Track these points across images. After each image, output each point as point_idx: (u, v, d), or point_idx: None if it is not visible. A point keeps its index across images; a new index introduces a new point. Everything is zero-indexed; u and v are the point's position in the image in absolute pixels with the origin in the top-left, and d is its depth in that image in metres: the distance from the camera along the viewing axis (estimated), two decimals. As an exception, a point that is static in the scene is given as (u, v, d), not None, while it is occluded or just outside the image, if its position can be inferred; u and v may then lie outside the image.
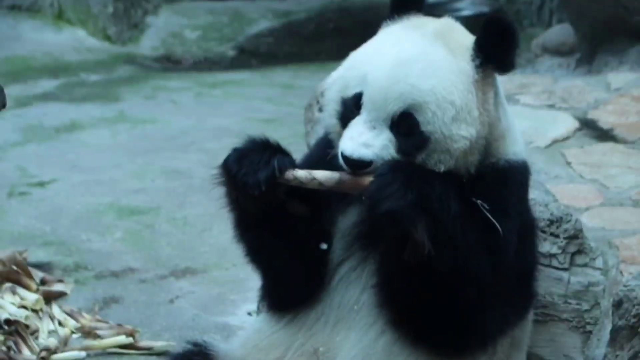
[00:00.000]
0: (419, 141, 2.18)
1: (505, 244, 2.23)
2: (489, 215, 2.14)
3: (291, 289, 2.37)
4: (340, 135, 2.22)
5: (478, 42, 2.22)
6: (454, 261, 2.11)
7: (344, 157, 2.15)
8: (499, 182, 2.28)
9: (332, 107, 2.29)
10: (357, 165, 2.15)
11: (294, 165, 2.25)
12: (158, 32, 6.03)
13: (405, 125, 2.18)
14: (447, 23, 2.30)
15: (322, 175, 2.15)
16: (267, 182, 2.19)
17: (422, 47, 2.23)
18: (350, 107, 2.21)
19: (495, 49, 2.21)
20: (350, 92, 2.22)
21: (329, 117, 2.31)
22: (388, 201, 2.04)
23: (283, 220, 2.30)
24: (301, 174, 2.22)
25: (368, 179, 2.09)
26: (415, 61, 2.20)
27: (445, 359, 2.28)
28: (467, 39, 2.25)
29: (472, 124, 2.19)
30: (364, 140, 2.15)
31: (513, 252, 2.26)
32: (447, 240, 2.10)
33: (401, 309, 2.23)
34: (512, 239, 2.25)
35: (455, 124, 2.18)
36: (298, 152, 2.52)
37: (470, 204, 2.16)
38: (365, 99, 2.19)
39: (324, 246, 2.29)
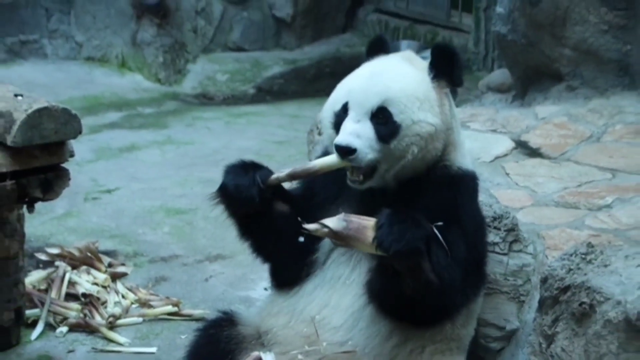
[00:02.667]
0: (393, 128, 2.17)
1: (464, 242, 2.22)
2: (440, 237, 2.09)
3: (288, 272, 2.35)
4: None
5: (431, 62, 2.25)
6: (439, 274, 2.09)
7: (336, 146, 2.13)
8: (456, 189, 2.27)
9: (327, 121, 2.28)
10: (345, 152, 2.13)
11: (271, 173, 2.24)
12: (196, 75, 6.07)
13: (381, 116, 2.17)
14: (410, 53, 2.35)
15: (330, 220, 2.07)
16: (259, 194, 2.20)
17: (391, 63, 2.27)
18: (340, 114, 2.21)
19: (444, 67, 2.23)
20: (339, 105, 2.23)
21: (326, 130, 2.31)
22: (404, 239, 1.99)
23: (272, 219, 2.30)
24: (279, 175, 2.23)
25: (371, 223, 2.04)
26: (387, 71, 2.23)
27: (419, 328, 2.25)
28: (425, 62, 2.28)
29: (435, 115, 2.20)
30: (351, 130, 2.14)
31: (472, 245, 2.24)
32: (437, 262, 2.08)
33: (383, 297, 2.20)
34: (468, 235, 2.24)
35: (421, 112, 2.19)
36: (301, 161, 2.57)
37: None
38: (350, 103, 2.19)
39: (302, 239, 2.23)
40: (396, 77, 2.21)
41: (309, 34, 6.52)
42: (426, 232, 2.04)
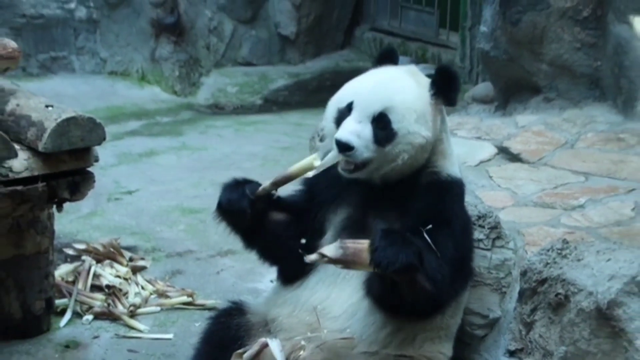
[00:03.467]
0: (390, 134, 2.16)
1: (453, 242, 2.22)
2: (429, 240, 2.11)
3: (293, 271, 2.34)
4: (334, 134, 2.21)
5: (433, 81, 2.25)
6: (432, 279, 2.10)
7: (336, 141, 2.13)
8: (445, 194, 2.27)
9: (330, 116, 2.27)
10: (344, 147, 2.13)
11: (259, 185, 2.24)
12: (209, 88, 6.05)
13: (381, 121, 2.16)
14: (415, 68, 2.33)
15: (328, 249, 2.06)
16: (249, 205, 2.20)
17: (398, 75, 2.26)
18: (344, 112, 2.20)
19: (443, 87, 2.23)
20: (344, 103, 2.21)
21: (328, 124, 2.28)
22: (398, 259, 1.99)
23: (271, 228, 2.30)
24: (265, 185, 2.23)
25: (366, 246, 2.03)
26: (391, 81, 2.23)
27: (412, 321, 2.25)
28: (427, 79, 2.28)
29: (428, 129, 2.20)
30: (352, 129, 2.14)
31: (459, 245, 2.25)
32: (430, 269, 2.08)
33: (380, 298, 2.20)
34: (456, 236, 2.24)
35: (416, 125, 2.18)
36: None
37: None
38: (355, 103, 2.18)
39: (303, 240, 2.25)
40: (400, 88, 2.21)
41: (311, 50, 6.52)
42: (417, 249, 2.04)
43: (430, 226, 2.12)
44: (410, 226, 2.16)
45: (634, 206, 2.96)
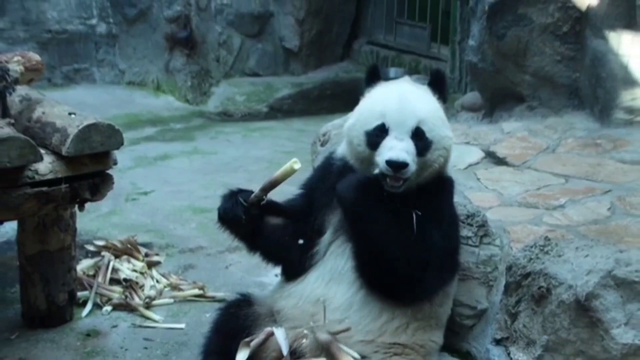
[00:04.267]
0: (427, 144, 2.17)
1: (439, 231, 2.21)
2: (414, 222, 2.12)
3: (294, 269, 2.34)
4: (368, 157, 2.17)
5: (431, 84, 2.26)
6: (375, 243, 2.13)
7: (390, 162, 2.08)
8: (440, 189, 2.27)
9: (358, 140, 2.21)
10: (400, 166, 2.09)
11: (251, 193, 2.25)
12: (219, 96, 6.06)
13: (418, 134, 2.16)
14: (409, 79, 2.37)
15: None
16: (244, 212, 2.22)
17: (411, 88, 2.25)
18: (375, 134, 2.15)
19: (439, 87, 2.26)
20: (372, 125, 2.17)
21: (357, 147, 2.21)
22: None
23: (268, 232, 2.31)
24: (256, 192, 2.25)
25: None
26: (413, 95, 2.22)
27: (402, 307, 2.25)
28: (423, 85, 2.29)
29: (449, 130, 2.23)
30: (401, 147, 2.11)
31: (446, 236, 2.24)
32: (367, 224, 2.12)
33: (369, 280, 2.21)
34: (444, 227, 2.24)
35: (443, 129, 2.21)
36: (307, 172, 2.53)
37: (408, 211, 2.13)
38: (389, 125, 2.15)
39: (301, 241, 2.27)
40: (422, 100, 2.20)
41: (312, 62, 6.52)
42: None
43: (420, 213, 2.12)
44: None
45: (609, 206, 2.96)
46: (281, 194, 2.39)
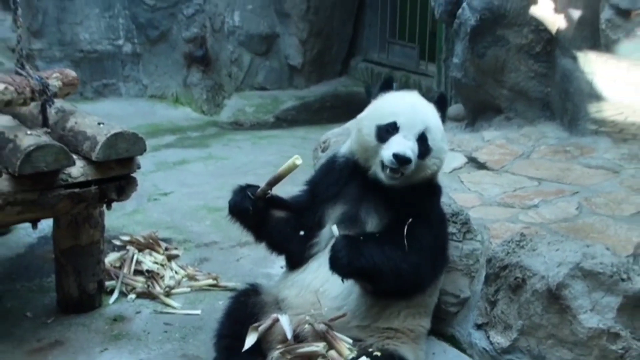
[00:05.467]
0: (427, 149, 2.18)
1: (432, 233, 2.20)
2: (406, 235, 2.11)
3: (296, 258, 2.34)
4: (373, 147, 2.17)
5: (436, 103, 2.27)
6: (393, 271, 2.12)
7: (397, 155, 2.09)
8: (430, 194, 2.28)
9: (368, 130, 2.20)
10: (404, 161, 2.09)
11: (258, 187, 2.25)
12: (231, 108, 6.05)
13: (422, 139, 2.17)
14: (416, 93, 2.34)
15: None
16: (251, 204, 2.21)
17: (422, 100, 2.26)
18: (386, 129, 2.16)
19: (442, 108, 2.27)
20: (385, 121, 2.17)
21: (366, 136, 2.20)
22: (348, 267, 2.07)
23: (273, 224, 2.30)
24: (262, 187, 2.25)
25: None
26: (423, 106, 2.23)
27: (398, 299, 2.25)
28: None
29: (446, 144, 2.26)
30: (408, 145, 2.12)
31: (437, 236, 2.24)
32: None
33: (378, 292, 2.22)
34: (435, 228, 2.24)
35: (442, 142, 2.22)
36: (309, 173, 2.54)
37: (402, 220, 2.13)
38: (400, 124, 2.15)
39: (302, 233, 2.26)
40: (431, 112, 2.22)
41: (314, 77, 6.52)
42: (366, 254, 2.07)
43: (410, 220, 2.12)
44: (395, 220, 2.15)
45: (577, 206, 2.96)
46: (283, 194, 2.39)
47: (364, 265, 2.04)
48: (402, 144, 2.10)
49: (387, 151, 2.11)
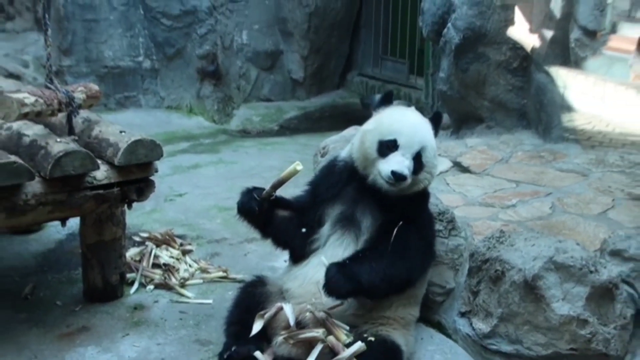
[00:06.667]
0: (421, 166, 2.17)
1: (421, 234, 2.20)
2: (397, 237, 2.11)
3: (298, 253, 2.33)
4: (373, 159, 2.16)
5: (431, 120, 2.25)
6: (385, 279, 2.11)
7: (394, 173, 2.09)
8: (420, 199, 2.28)
9: (370, 144, 2.18)
10: (401, 178, 2.10)
11: (263, 190, 2.25)
12: (239, 118, 6.04)
13: (417, 157, 2.16)
14: (413, 109, 2.34)
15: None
16: (257, 205, 2.21)
17: (420, 120, 2.25)
18: (387, 145, 2.15)
19: (436, 126, 2.26)
20: (386, 138, 2.16)
21: (367, 148, 2.18)
22: (340, 291, 2.07)
23: (278, 222, 2.30)
24: (267, 189, 2.24)
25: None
26: (421, 126, 2.21)
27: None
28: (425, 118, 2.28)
29: (437, 160, 2.24)
30: (405, 164, 2.12)
31: (426, 236, 2.25)
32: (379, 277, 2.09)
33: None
34: (425, 228, 2.25)
35: (434, 159, 2.21)
36: (309, 177, 2.52)
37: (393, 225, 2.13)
38: (400, 142, 2.15)
39: (304, 230, 2.26)
40: (427, 132, 2.21)
41: (314, 90, 6.52)
42: (356, 276, 2.05)
43: (401, 222, 2.12)
44: (388, 221, 2.16)
45: (551, 205, 2.97)
46: (286, 195, 2.39)
47: (356, 285, 2.05)
48: (400, 163, 2.11)
49: (386, 166, 2.12)
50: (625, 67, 3.63)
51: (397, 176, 2.10)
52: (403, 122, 2.21)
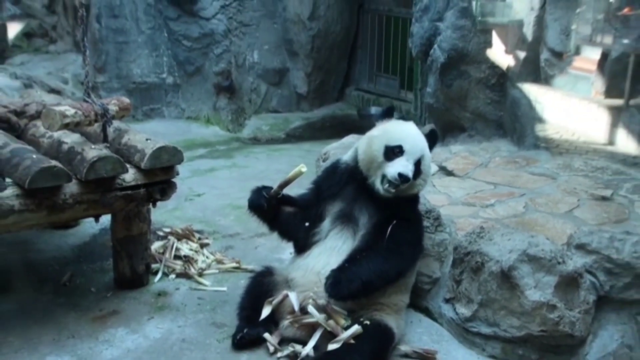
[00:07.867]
0: (418, 172, 2.18)
1: (413, 230, 2.21)
2: (391, 233, 2.12)
3: (302, 245, 2.33)
4: (379, 162, 2.15)
5: (427, 136, 2.25)
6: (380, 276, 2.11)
7: (401, 175, 2.10)
8: (412, 200, 2.29)
9: (377, 147, 2.18)
10: (406, 180, 2.11)
11: (271, 188, 2.26)
12: (250, 127, 6.03)
13: (417, 164, 2.17)
14: (412, 123, 2.32)
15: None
16: (266, 202, 2.22)
17: (418, 131, 2.25)
18: (393, 150, 2.16)
19: (432, 141, 2.26)
20: (392, 143, 2.17)
21: (374, 151, 2.18)
22: (342, 295, 2.07)
23: (284, 217, 2.30)
24: (275, 188, 2.24)
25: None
26: (422, 137, 2.22)
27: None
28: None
29: (431, 169, 2.27)
30: (409, 168, 2.13)
31: (416, 232, 2.25)
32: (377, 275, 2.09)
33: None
34: (416, 225, 2.26)
35: (429, 167, 2.23)
36: (312, 178, 2.52)
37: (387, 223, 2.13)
38: (405, 148, 2.15)
39: (307, 224, 2.26)
40: (425, 143, 2.23)
41: (317, 102, 6.53)
42: (356, 278, 2.05)
43: (395, 221, 2.13)
44: (383, 219, 2.16)
45: (524, 205, 2.97)
46: (291, 194, 2.39)
47: (356, 285, 2.05)
48: (406, 166, 2.12)
49: (393, 169, 2.13)
50: (588, 85, 3.67)
51: (402, 178, 2.10)
52: (408, 131, 2.23)
